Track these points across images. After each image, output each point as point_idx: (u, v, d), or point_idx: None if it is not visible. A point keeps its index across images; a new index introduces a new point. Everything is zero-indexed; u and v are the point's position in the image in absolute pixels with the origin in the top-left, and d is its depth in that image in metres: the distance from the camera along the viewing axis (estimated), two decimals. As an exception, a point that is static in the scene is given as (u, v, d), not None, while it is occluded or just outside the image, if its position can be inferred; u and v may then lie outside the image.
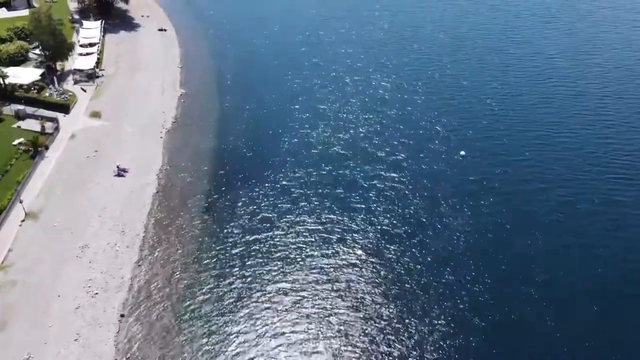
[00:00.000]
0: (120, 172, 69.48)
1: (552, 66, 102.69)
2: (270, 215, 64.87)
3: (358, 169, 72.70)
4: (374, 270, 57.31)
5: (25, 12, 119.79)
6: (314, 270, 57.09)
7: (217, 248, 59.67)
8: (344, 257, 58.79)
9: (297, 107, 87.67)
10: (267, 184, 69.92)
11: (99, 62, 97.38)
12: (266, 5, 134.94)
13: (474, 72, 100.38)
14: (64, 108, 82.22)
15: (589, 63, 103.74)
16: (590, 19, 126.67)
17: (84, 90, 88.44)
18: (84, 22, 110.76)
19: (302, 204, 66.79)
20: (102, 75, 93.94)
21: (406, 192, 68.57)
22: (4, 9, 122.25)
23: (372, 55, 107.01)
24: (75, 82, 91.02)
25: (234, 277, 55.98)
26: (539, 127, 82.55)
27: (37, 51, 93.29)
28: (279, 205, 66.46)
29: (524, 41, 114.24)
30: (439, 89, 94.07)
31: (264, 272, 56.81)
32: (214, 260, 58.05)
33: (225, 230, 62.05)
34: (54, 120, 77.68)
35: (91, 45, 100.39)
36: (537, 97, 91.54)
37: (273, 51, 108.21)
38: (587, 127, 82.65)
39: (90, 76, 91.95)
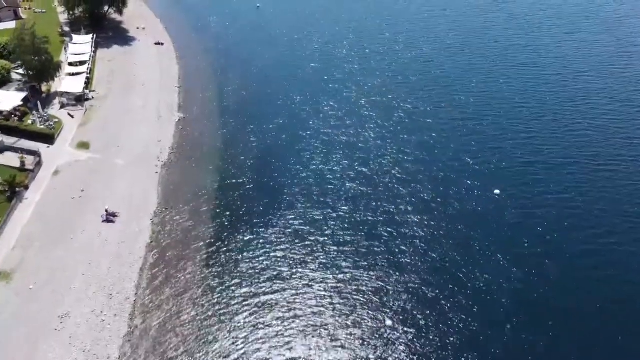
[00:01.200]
0: (109, 218, 60.73)
1: (592, 87, 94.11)
2: (282, 269, 56.10)
3: (380, 211, 63.95)
4: (406, 344, 48.51)
5: (11, 25, 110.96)
6: (336, 345, 48.32)
7: (220, 313, 50.91)
8: (368, 327, 50.00)
9: (308, 133, 78.98)
10: (276, 229, 61.19)
11: (89, 83, 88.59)
12: (271, 16, 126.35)
13: (502, 92, 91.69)
14: (48, 138, 73.41)
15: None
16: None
17: (72, 116, 79.62)
18: (73, 36, 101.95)
19: (318, 254, 58.02)
20: (92, 97, 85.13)
21: (436, 240, 59.76)
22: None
23: (388, 72, 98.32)
24: (62, 106, 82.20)
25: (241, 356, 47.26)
26: (583, 157, 73.87)
27: (21, 71, 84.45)
28: (291, 256, 57.70)
29: (559, 57, 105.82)
30: (464, 111, 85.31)
31: (276, 346, 48.04)
32: (216, 330, 49.28)
33: (230, 291, 53.25)
34: (35, 153, 68.86)
35: (81, 63, 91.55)
36: (578, 121, 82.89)
37: (279, 68, 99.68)
38: None
39: (79, 99, 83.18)
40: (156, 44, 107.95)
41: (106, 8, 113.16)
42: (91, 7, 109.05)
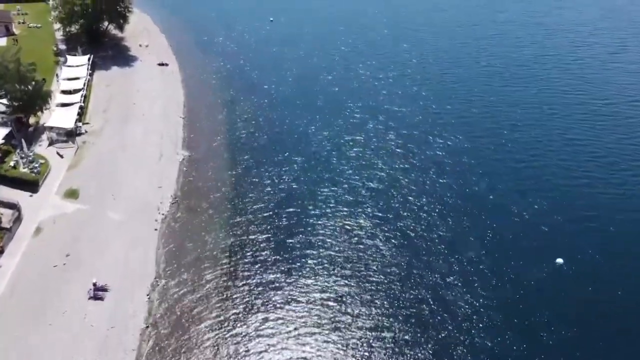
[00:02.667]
0: (97, 293, 50.55)
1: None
2: (306, 363, 45.76)
3: (426, 283, 53.40)
4: None
5: (2, 42, 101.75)
6: None
7: None
8: None
9: (330, 177, 68.52)
10: (299, 306, 50.76)
11: (82, 114, 78.59)
12: (285, 31, 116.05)
13: (544, 118, 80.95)
14: (32, 185, 63.47)
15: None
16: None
17: (61, 156, 69.62)
18: (68, 57, 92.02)
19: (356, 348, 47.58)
20: (86, 132, 75.09)
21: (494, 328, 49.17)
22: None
23: (419, 99, 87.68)
24: (51, 142, 72.28)
25: None
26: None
27: (5, 101, 74.48)
28: (320, 346, 47.27)
29: (607, 80, 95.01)
30: (511, 149, 74.53)
31: None
32: None
33: (242, 399, 42.99)
34: (14, 207, 58.86)
35: (74, 91, 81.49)
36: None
37: (295, 93, 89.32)
38: None
39: (71, 134, 73.17)
40: (160, 64, 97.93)
41: (105, 24, 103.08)
42: (89, 24, 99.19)
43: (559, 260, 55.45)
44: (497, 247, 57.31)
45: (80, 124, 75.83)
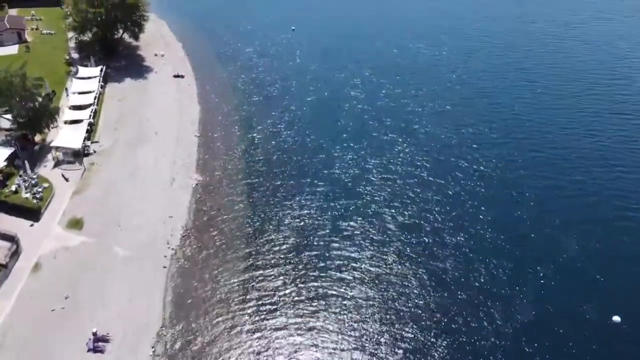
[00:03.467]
0: (97, 345, 45.36)
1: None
2: None
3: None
4: None
5: (14, 49, 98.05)
6: None
7: None
8: None
9: (355, 207, 62.51)
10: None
11: (92, 131, 73.79)
12: (307, 41, 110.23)
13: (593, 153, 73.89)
14: (33, 213, 58.66)
15: None
16: None
17: (66, 179, 64.80)
18: (80, 69, 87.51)
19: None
20: (94, 152, 70.20)
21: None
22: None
23: (459, 122, 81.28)
24: (57, 163, 67.56)
25: None
26: None
27: (10, 116, 69.88)
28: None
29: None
30: (544, 169, 67.88)
31: None
32: None
33: None
34: (12, 239, 54.02)
35: (84, 106, 76.72)
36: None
37: (318, 110, 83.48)
38: None
39: (78, 154, 68.36)
40: (175, 76, 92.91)
41: (120, 32, 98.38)
42: (102, 32, 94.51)
43: (616, 318, 48.75)
44: (548, 301, 50.79)
45: (88, 142, 71.02)
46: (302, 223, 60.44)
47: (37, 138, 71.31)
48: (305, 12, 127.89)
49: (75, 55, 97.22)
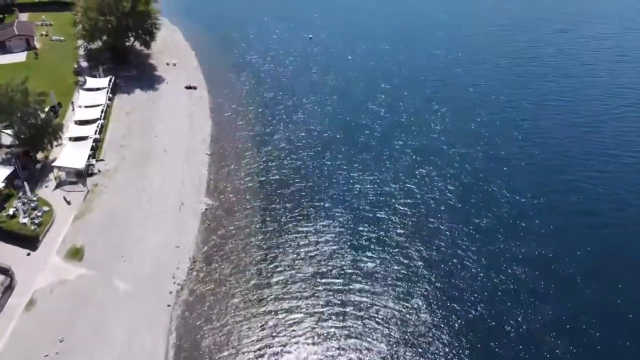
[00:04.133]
0: (92, 398, 41.11)
1: None
2: None
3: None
4: None
5: (22, 57, 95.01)
6: None
7: None
8: None
9: (376, 239, 57.58)
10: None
11: (97, 147, 69.76)
12: (325, 50, 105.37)
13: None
14: (30, 241, 54.62)
15: None
16: None
17: (68, 202, 60.73)
18: (88, 79, 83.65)
19: None
20: (98, 172, 66.08)
21: None
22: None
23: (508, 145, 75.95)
24: (59, 183, 63.59)
25: None
26: None
27: (11, 132, 65.99)
28: None
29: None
30: (584, 197, 62.28)
31: None
32: None
33: None
34: (6, 272, 49.98)
35: (90, 122, 72.74)
36: None
37: (338, 126, 78.49)
38: None
39: (81, 174, 64.32)
40: (187, 87, 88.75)
41: (131, 40, 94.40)
42: (113, 40, 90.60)
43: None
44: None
45: (93, 161, 66.95)
46: (319, 254, 55.72)
47: (40, 155, 67.44)
48: (323, 19, 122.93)
49: (84, 64, 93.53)
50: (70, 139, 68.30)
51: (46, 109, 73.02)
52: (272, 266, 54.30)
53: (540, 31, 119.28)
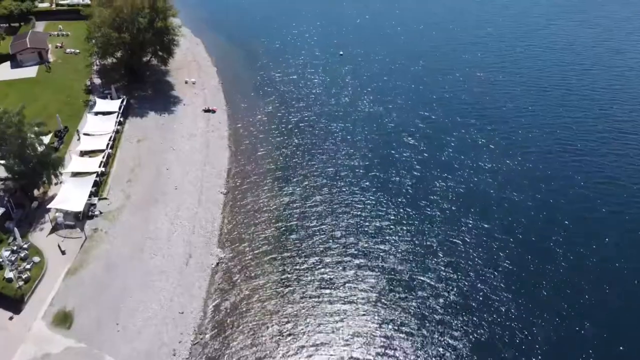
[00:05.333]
0: None
1: None
2: None
3: None
4: None
5: (33, 71, 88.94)
6: None
7: None
8: None
9: (413, 314, 48.94)
10: None
11: (101, 183, 62.64)
12: (357, 68, 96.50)
13: None
14: (14, 302, 47.61)
15: None
16: None
17: (62, 252, 53.69)
18: (97, 101, 76.86)
19: None
20: (100, 213, 58.86)
21: None
22: (6, 64, 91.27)
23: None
24: (55, 227, 56.59)
25: None
26: None
27: (4, 166, 59.14)
28: None
29: None
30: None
31: None
32: None
33: None
34: (-20, 345, 43.05)
35: (95, 153, 65.75)
36: None
37: (370, 162, 69.84)
38: None
39: (79, 217, 57.24)
40: (206, 110, 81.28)
41: (147, 57, 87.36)
42: (127, 58, 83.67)
43: None
44: None
45: (95, 200, 59.79)
46: (346, 325, 47.42)
47: (37, 192, 60.62)
48: (355, 32, 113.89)
49: (97, 81, 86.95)
50: (72, 174, 61.15)
51: (49, 136, 66.81)
52: (291, 338, 46.27)
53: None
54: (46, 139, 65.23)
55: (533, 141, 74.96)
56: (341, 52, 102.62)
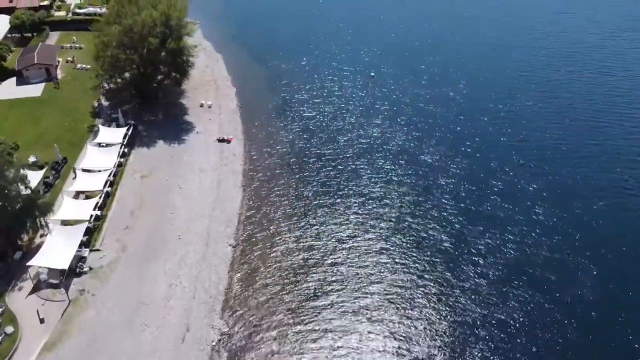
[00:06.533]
0: None
1: None
2: None
3: None
4: None
5: (38, 90, 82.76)
6: None
7: None
8: None
9: None
10: None
11: (95, 231, 55.15)
12: (391, 90, 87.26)
13: None
14: (-24, 389, 40.41)
15: None
16: None
17: (41, 320, 46.23)
18: (101, 129, 69.63)
19: None
20: (89, 269, 51.35)
21: None
22: (12, 80, 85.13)
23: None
24: (37, 285, 49.34)
25: None
26: None
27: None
28: None
29: None
30: None
31: None
32: None
33: None
34: None
35: (91, 194, 58.34)
36: None
37: (404, 213, 60.77)
38: None
39: (65, 274, 49.80)
40: (220, 140, 73.38)
41: (160, 77, 79.88)
42: (136, 80, 76.31)
43: None
44: None
45: (86, 251, 52.37)
46: None
47: (23, 239, 53.49)
48: (388, 51, 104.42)
49: (105, 102, 79.92)
50: (61, 222, 53.77)
51: (43, 170, 59.95)
52: None
53: None
54: (39, 175, 58.65)
55: (593, 192, 64.78)
56: (372, 73, 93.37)
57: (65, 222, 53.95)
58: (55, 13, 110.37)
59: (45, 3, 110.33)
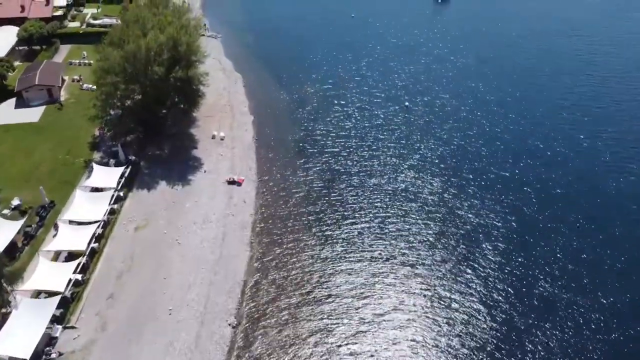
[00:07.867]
0: None
1: None
2: None
3: None
4: None
5: (36, 114, 75.79)
6: None
7: None
8: None
9: None
10: None
11: (72, 302, 46.86)
12: (426, 125, 76.88)
13: None
14: None
15: None
16: None
17: None
18: (95, 167, 61.44)
19: None
20: (58, 355, 42.90)
21: None
22: (12, 101, 78.33)
23: None
24: (-5, 374, 41.14)
25: None
26: None
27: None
28: None
29: None
30: None
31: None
32: None
33: None
34: None
35: (73, 254, 50.10)
36: None
37: (442, 269, 50.63)
38: None
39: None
40: (230, 182, 64.44)
41: (167, 106, 71.26)
42: (139, 112, 67.75)
43: None
44: None
45: (58, 330, 44.03)
46: None
47: (-13, 310, 45.60)
48: (428, 77, 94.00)
49: (107, 132, 71.85)
50: (30, 293, 45.63)
51: (24, 220, 52.33)
52: None
53: None
54: (17, 225, 50.99)
55: None
56: (407, 103, 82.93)
57: (37, 294, 45.72)
58: (69, 24, 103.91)
59: (59, 13, 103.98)
